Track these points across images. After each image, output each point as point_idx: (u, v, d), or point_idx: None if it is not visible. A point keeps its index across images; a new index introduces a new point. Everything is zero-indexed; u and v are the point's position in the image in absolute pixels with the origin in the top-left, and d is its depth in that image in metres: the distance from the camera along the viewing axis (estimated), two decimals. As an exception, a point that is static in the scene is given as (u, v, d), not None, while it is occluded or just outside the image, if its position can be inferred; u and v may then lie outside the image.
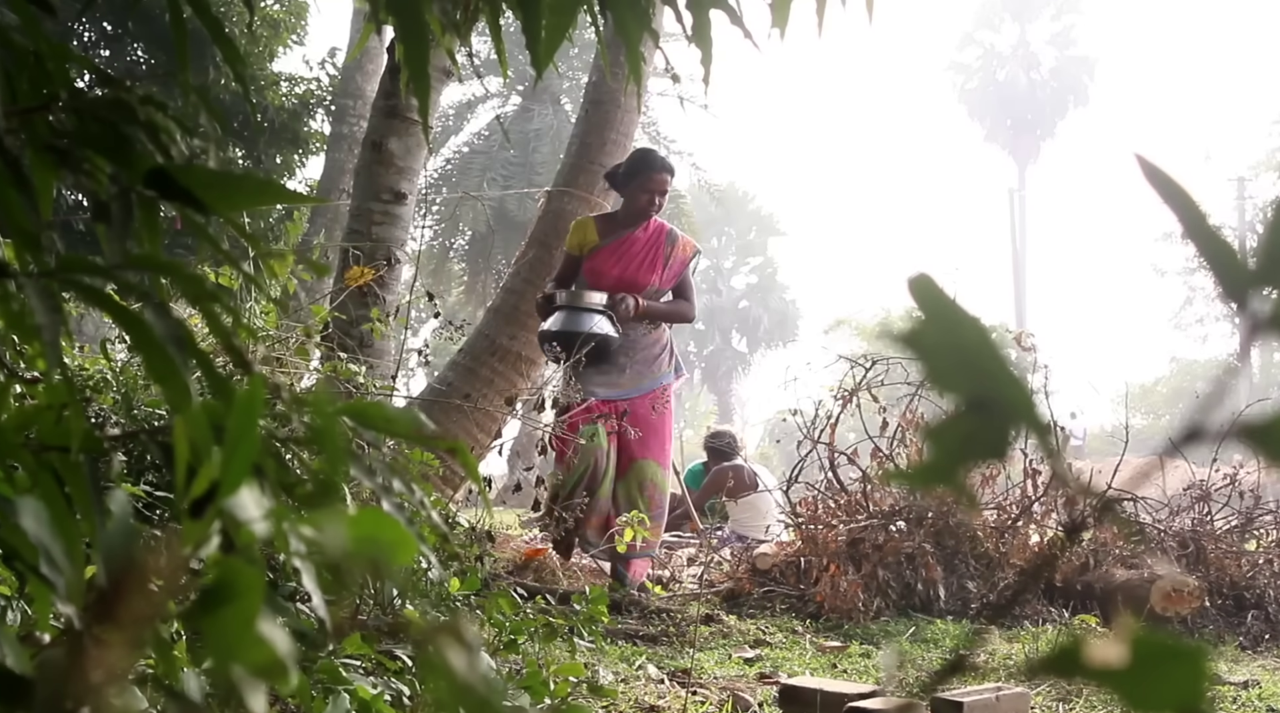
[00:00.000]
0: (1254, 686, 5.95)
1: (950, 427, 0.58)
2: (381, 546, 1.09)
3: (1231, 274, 0.56)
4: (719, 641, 6.59)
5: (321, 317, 5.99)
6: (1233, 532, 8.41)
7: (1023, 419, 0.58)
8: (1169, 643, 0.55)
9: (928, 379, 0.59)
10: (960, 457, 0.59)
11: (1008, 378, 0.58)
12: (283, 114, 16.50)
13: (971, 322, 0.57)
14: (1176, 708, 0.55)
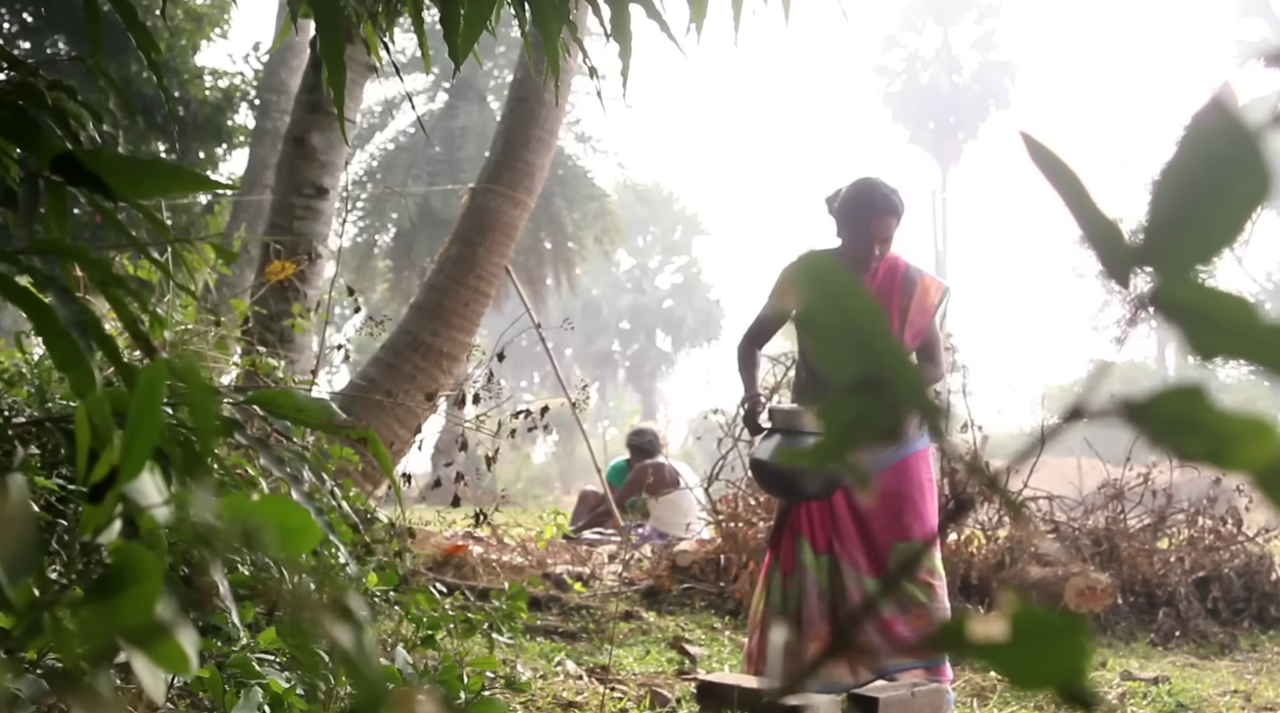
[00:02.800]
0: (1164, 682, 6.04)
1: (841, 407, 0.59)
2: (286, 532, 1.08)
3: (1114, 253, 0.57)
4: (638, 637, 6.60)
5: (242, 311, 5.94)
6: (1146, 530, 8.53)
7: (912, 401, 0.59)
8: (1049, 618, 0.55)
9: (820, 360, 0.60)
10: (852, 437, 0.59)
11: (896, 358, 0.58)
12: (206, 108, 16.33)
13: (861, 300, 0.58)
14: (1058, 682, 0.56)
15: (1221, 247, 0.54)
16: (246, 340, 5.85)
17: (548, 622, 6.68)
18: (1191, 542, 8.46)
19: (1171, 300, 0.56)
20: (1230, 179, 0.53)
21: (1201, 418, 0.55)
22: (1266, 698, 5.83)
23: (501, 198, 9.14)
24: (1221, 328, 0.55)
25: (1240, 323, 0.55)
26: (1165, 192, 0.55)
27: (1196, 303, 0.55)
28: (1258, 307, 0.53)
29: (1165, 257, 0.55)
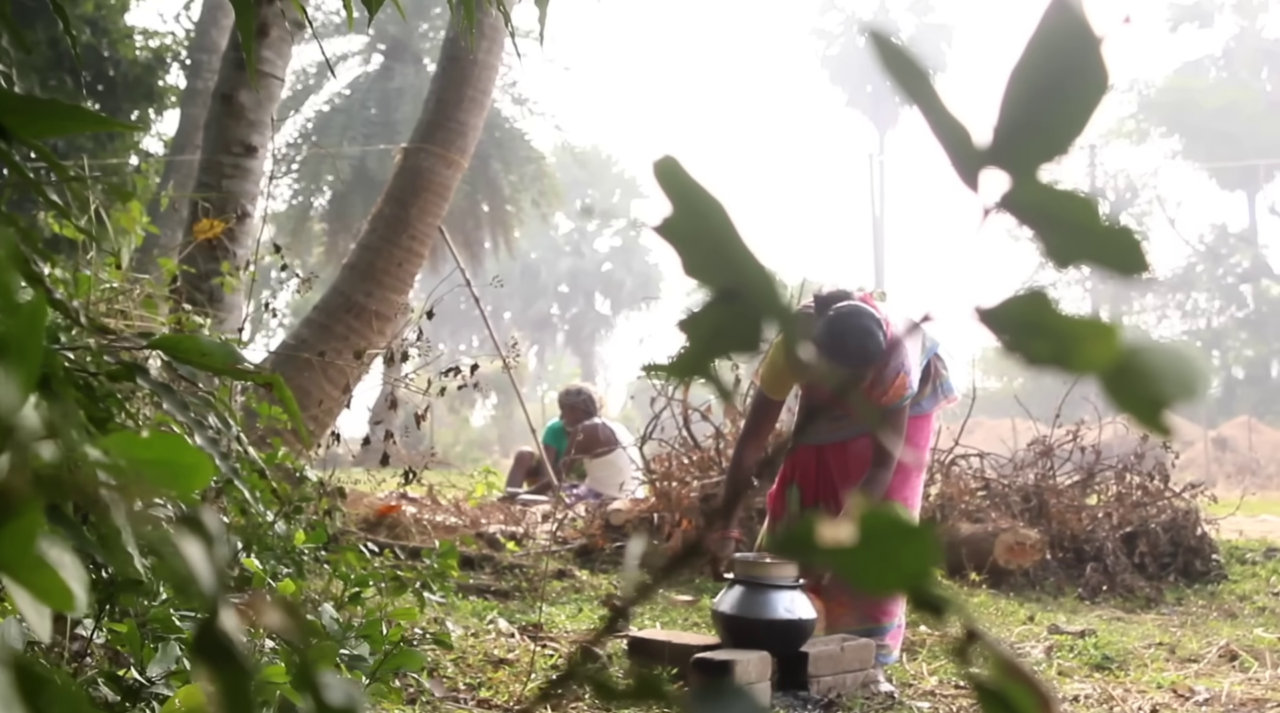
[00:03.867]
0: (1090, 635, 6.12)
1: (702, 318, 0.58)
2: (176, 469, 1.07)
3: (964, 155, 0.56)
4: (571, 595, 6.61)
5: (170, 270, 5.87)
6: (1075, 487, 8.62)
7: (770, 310, 0.58)
8: (896, 520, 0.55)
9: (684, 269, 0.59)
10: (713, 349, 0.59)
11: (755, 268, 0.58)
12: (136, 68, 16.10)
13: (718, 209, 0.57)
14: (905, 585, 0.56)
15: (1066, 145, 0.54)
16: (174, 299, 5.79)
17: (480, 581, 6.68)
18: (1119, 498, 8.57)
19: (1021, 202, 0.56)
20: (1073, 78, 0.53)
21: (1048, 322, 0.55)
22: (1190, 650, 5.91)
23: (434, 158, 9.09)
24: (1067, 229, 0.55)
25: (1084, 225, 0.55)
26: (1012, 92, 0.55)
27: (1044, 204, 0.55)
28: (1100, 207, 0.53)
29: (1013, 157, 0.54)
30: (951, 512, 8.15)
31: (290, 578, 3.81)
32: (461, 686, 4.40)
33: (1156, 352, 0.55)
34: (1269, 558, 8.86)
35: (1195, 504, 8.72)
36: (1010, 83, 0.54)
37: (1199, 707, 4.60)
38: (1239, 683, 5.07)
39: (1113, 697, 4.64)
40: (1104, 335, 0.53)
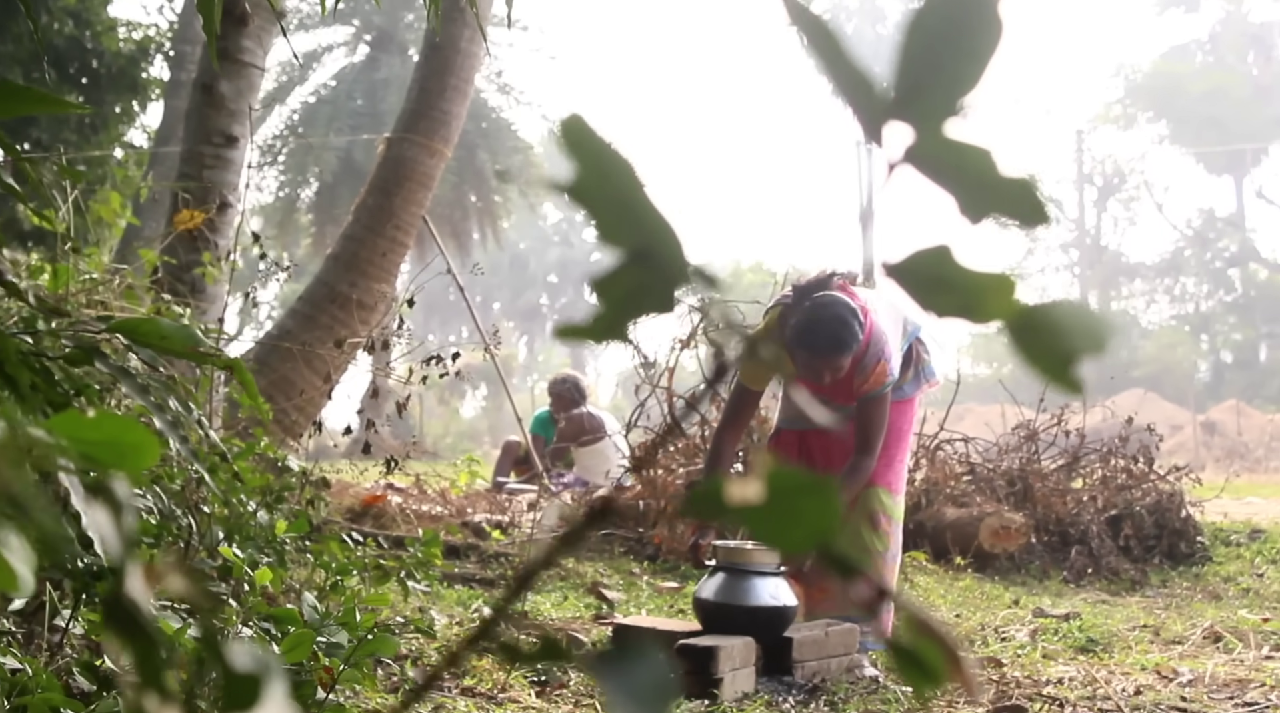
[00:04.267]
0: (1075, 618, 6.13)
1: (615, 279, 0.58)
2: (122, 448, 1.06)
3: (868, 108, 0.56)
4: (557, 583, 6.61)
5: (150, 261, 5.86)
6: (1060, 471, 8.64)
7: (680, 272, 0.58)
8: (801, 478, 0.55)
9: (595, 232, 0.59)
10: (628, 311, 0.59)
11: (663, 228, 0.58)
12: (120, 60, 16.02)
13: (626, 169, 0.57)
14: (812, 541, 0.56)
15: (964, 95, 0.54)
16: (156, 290, 5.78)
17: (466, 570, 6.67)
18: (1104, 481, 8.59)
19: (925, 155, 0.55)
20: (969, 30, 0.53)
21: (952, 275, 0.55)
22: (1175, 632, 5.93)
23: (418, 147, 9.07)
24: (970, 182, 0.55)
25: (985, 177, 0.55)
26: (911, 45, 0.54)
27: (946, 157, 0.55)
28: (999, 158, 0.53)
29: (915, 110, 0.54)
30: (937, 496, 8.17)
31: (271, 567, 3.80)
32: (445, 674, 4.39)
33: (1063, 307, 0.55)
34: (1253, 540, 8.89)
35: (1180, 487, 8.74)
36: (908, 36, 0.54)
37: (1182, 688, 4.61)
38: (1222, 664, 5.09)
39: (1096, 679, 4.65)
40: (1003, 288, 0.53)
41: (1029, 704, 4.25)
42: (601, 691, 0.52)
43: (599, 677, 0.52)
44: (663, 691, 0.53)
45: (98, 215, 6.07)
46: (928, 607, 5.88)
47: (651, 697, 0.52)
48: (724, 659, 4.42)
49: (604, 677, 0.52)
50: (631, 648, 0.54)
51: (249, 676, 0.52)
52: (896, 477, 5.31)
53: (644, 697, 0.51)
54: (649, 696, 0.52)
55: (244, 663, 0.53)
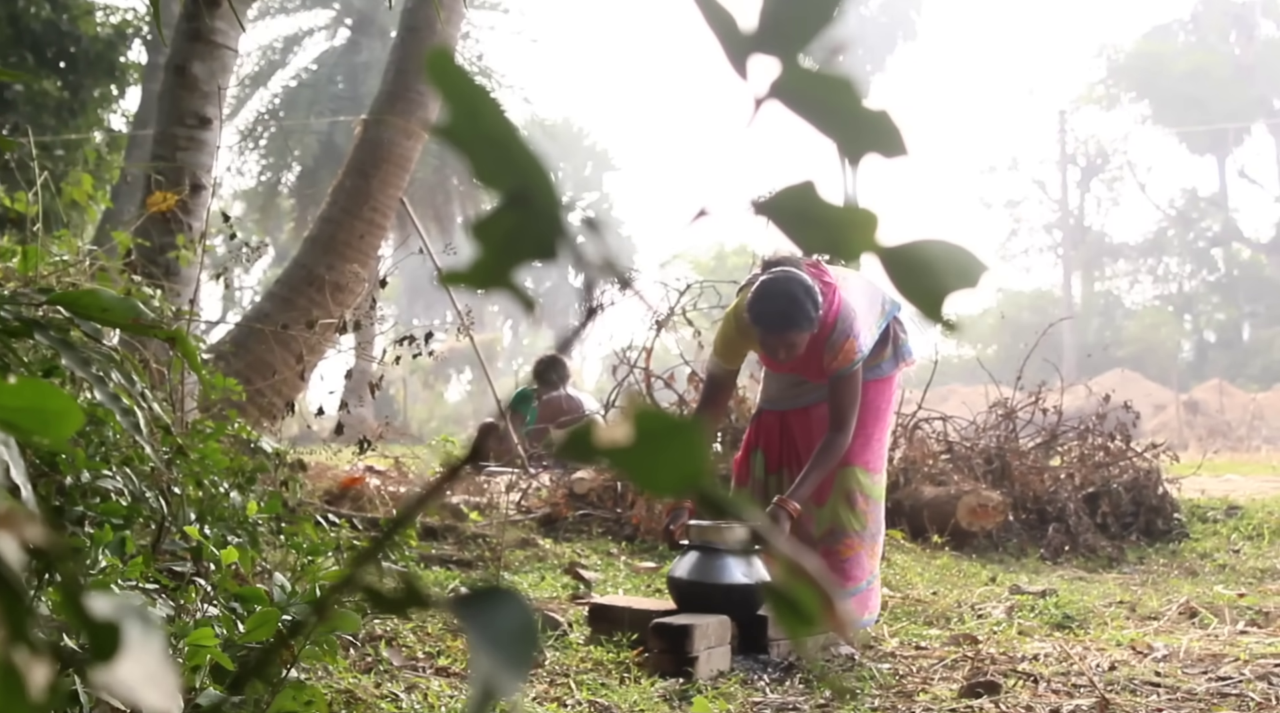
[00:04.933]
0: (1051, 594, 6.15)
1: (494, 223, 0.57)
2: (45, 415, 1.05)
3: (733, 41, 0.55)
4: (534, 564, 6.61)
5: (124, 243, 5.83)
6: (1038, 449, 8.66)
7: (557, 216, 0.57)
8: (667, 419, 0.54)
9: (471, 175, 0.58)
10: (508, 256, 0.58)
11: (537, 171, 0.57)
12: (98, 44, 15.94)
13: (495, 108, 0.56)
14: (682, 484, 0.55)
15: (822, 28, 0.53)
16: (129, 273, 5.75)
17: (444, 551, 6.67)
18: (1082, 459, 8.61)
19: (790, 89, 0.55)
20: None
21: (817, 211, 0.54)
22: (1151, 608, 5.95)
23: (395, 129, 9.04)
24: (833, 114, 0.54)
25: (847, 109, 0.54)
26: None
27: (809, 89, 0.54)
28: (858, 91, 0.52)
29: (779, 42, 0.53)
30: (915, 475, 8.18)
31: (242, 548, 3.79)
32: (420, 654, 4.40)
33: (934, 244, 0.54)
34: (1230, 516, 8.92)
35: (1157, 464, 8.77)
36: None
37: (1157, 663, 4.63)
38: (1197, 639, 5.11)
39: (1071, 655, 4.66)
40: (866, 224, 0.53)
41: (1003, 681, 4.26)
42: (464, 635, 0.51)
43: (461, 622, 0.51)
44: (525, 635, 0.52)
45: (70, 198, 6.04)
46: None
47: (514, 642, 0.51)
48: (699, 638, 4.43)
49: (466, 622, 0.51)
50: (494, 593, 0.53)
51: (108, 624, 0.52)
52: (875, 456, 5.30)
53: (507, 641, 0.51)
54: (512, 640, 0.51)
55: (103, 612, 0.52)
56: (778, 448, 5.34)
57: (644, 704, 3.86)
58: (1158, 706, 3.91)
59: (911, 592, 6.31)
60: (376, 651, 4.23)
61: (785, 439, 5.32)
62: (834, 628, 0.59)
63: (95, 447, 3.66)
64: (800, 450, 5.26)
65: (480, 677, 0.49)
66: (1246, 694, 4.04)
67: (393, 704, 3.56)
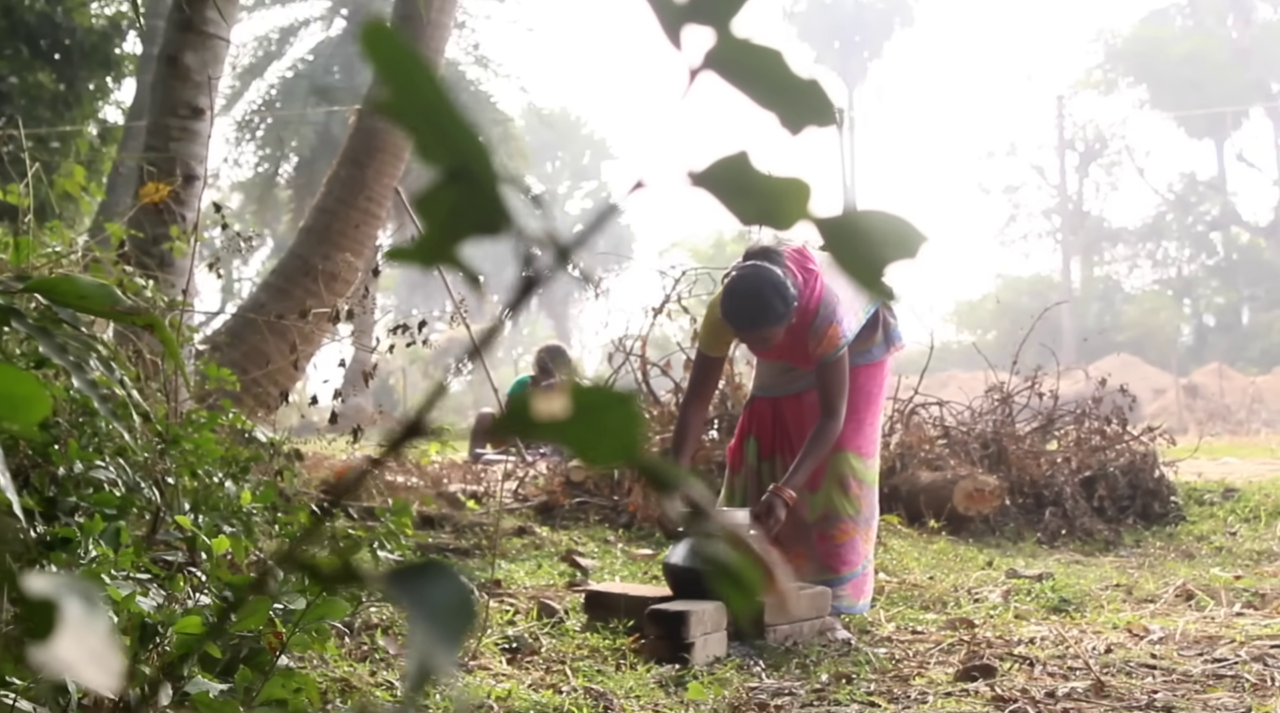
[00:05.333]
0: (1048, 578, 6.15)
1: (436, 198, 0.57)
2: (11, 400, 1.05)
3: (667, 11, 0.55)
4: (531, 552, 6.62)
5: (117, 234, 5.82)
6: (1035, 433, 8.66)
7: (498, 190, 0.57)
8: (603, 393, 0.54)
9: (415, 151, 0.58)
10: (453, 232, 0.58)
11: (476, 145, 0.56)
12: (93, 36, 15.91)
13: (433, 81, 0.56)
14: (618, 454, 0.55)
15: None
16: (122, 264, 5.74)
17: (440, 540, 6.67)
18: (1078, 443, 8.61)
19: (723, 58, 0.54)
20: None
21: (752, 181, 0.54)
22: (1147, 591, 5.95)
23: (389, 119, 9.02)
24: (765, 82, 0.54)
25: (778, 77, 0.54)
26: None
27: (742, 58, 0.54)
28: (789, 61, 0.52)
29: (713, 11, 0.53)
30: (911, 460, 8.19)
31: (236, 537, 3.79)
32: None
33: (874, 215, 0.54)
34: (1227, 499, 8.92)
35: (1154, 448, 8.77)
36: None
37: (1153, 646, 4.63)
38: (1193, 622, 5.11)
39: (1067, 638, 4.66)
40: (799, 193, 0.52)
41: (999, 664, 4.26)
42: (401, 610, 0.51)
43: (396, 597, 0.51)
44: (463, 610, 0.52)
45: (63, 189, 6.03)
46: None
47: (452, 617, 0.51)
48: (695, 624, 4.43)
49: (401, 597, 0.51)
50: (429, 568, 0.53)
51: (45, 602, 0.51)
52: (867, 440, 5.31)
53: (444, 617, 0.51)
54: (449, 615, 0.51)
55: (39, 591, 0.52)
56: (770, 434, 5.34)
57: (640, 691, 3.86)
58: (1153, 687, 3.92)
59: (908, 577, 6.31)
60: (372, 639, 4.23)
61: (778, 426, 5.33)
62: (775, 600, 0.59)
63: (88, 438, 3.66)
64: (793, 437, 5.27)
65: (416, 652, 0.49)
66: (1242, 676, 4.05)
67: (387, 692, 3.56)
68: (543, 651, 4.41)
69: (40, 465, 3.56)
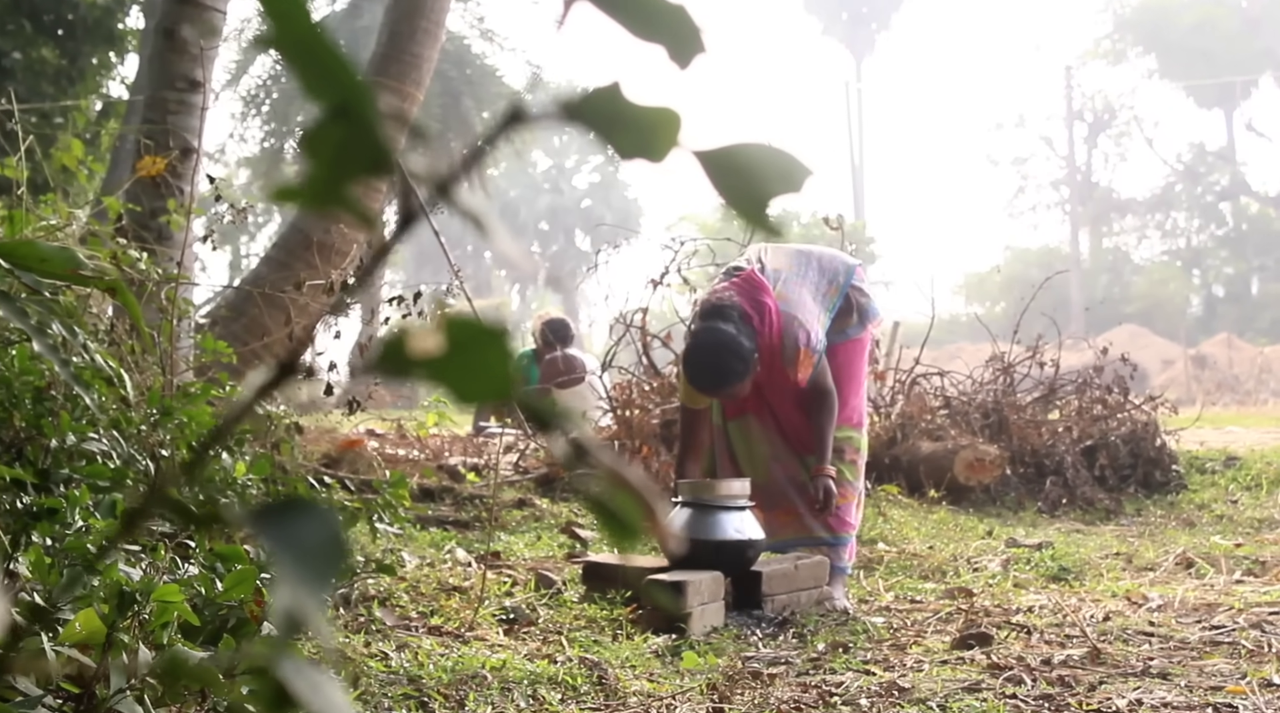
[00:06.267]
0: (1048, 547, 6.15)
1: (321, 137, 0.56)
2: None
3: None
4: (531, 524, 6.62)
5: (114, 209, 5.82)
6: (1036, 403, 8.65)
7: (379, 129, 0.56)
8: (476, 326, 0.53)
9: (301, 91, 0.57)
10: (340, 172, 0.57)
11: (358, 85, 0.55)
12: (96, 11, 15.87)
13: (311, 21, 0.55)
14: (494, 390, 0.54)
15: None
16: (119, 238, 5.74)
17: (440, 512, 6.68)
18: (1080, 412, 8.60)
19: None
20: None
21: (625, 112, 0.53)
22: (1147, 559, 5.95)
23: (389, 91, 8.99)
24: (635, 10, 0.53)
25: (645, 3, 0.52)
26: None
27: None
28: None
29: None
30: (912, 430, 8.18)
31: (228, 509, 3.78)
32: (414, 614, 4.41)
33: (756, 148, 0.53)
34: (1229, 467, 8.91)
35: (1155, 416, 8.76)
36: None
37: (1151, 613, 4.63)
38: (1192, 589, 5.11)
39: (1065, 607, 4.66)
40: (670, 122, 0.51)
41: (996, 633, 4.27)
42: (269, 550, 0.50)
43: (261, 537, 0.50)
44: (331, 548, 0.51)
45: (60, 163, 6.02)
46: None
47: (319, 555, 0.50)
48: (692, 594, 4.43)
49: (266, 536, 0.50)
50: (296, 504, 0.52)
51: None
52: (855, 411, 5.42)
53: (313, 556, 0.50)
54: (317, 554, 0.50)
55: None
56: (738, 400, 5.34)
57: (635, 660, 3.86)
58: (1149, 654, 3.92)
59: (908, 546, 6.31)
60: (369, 611, 4.24)
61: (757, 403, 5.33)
62: (657, 537, 0.58)
63: (82, 410, 3.66)
64: (767, 395, 5.28)
65: (283, 595, 0.48)
66: (1239, 642, 4.05)
67: (382, 663, 3.56)
68: (540, 621, 4.41)
69: (34, 438, 3.56)
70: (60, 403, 3.67)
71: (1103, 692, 3.40)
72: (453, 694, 3.31)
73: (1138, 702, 3.25)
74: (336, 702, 0.51)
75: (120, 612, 2.13)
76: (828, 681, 3.64)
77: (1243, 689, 3.38)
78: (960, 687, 3.49)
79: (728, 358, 4.89)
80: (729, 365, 4.90)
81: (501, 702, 3.27)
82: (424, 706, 3.21)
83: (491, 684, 3.40)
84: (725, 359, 4.89)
